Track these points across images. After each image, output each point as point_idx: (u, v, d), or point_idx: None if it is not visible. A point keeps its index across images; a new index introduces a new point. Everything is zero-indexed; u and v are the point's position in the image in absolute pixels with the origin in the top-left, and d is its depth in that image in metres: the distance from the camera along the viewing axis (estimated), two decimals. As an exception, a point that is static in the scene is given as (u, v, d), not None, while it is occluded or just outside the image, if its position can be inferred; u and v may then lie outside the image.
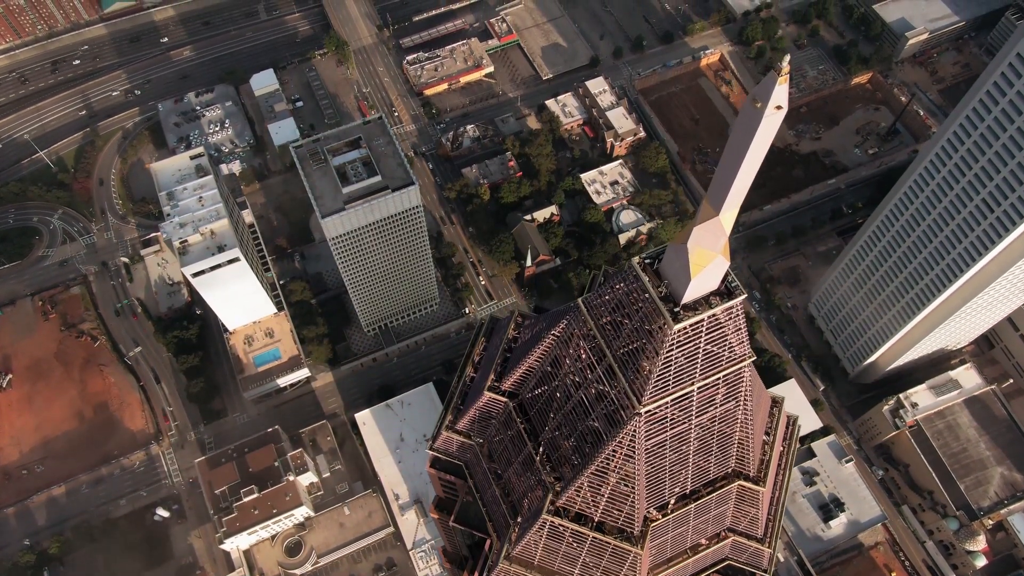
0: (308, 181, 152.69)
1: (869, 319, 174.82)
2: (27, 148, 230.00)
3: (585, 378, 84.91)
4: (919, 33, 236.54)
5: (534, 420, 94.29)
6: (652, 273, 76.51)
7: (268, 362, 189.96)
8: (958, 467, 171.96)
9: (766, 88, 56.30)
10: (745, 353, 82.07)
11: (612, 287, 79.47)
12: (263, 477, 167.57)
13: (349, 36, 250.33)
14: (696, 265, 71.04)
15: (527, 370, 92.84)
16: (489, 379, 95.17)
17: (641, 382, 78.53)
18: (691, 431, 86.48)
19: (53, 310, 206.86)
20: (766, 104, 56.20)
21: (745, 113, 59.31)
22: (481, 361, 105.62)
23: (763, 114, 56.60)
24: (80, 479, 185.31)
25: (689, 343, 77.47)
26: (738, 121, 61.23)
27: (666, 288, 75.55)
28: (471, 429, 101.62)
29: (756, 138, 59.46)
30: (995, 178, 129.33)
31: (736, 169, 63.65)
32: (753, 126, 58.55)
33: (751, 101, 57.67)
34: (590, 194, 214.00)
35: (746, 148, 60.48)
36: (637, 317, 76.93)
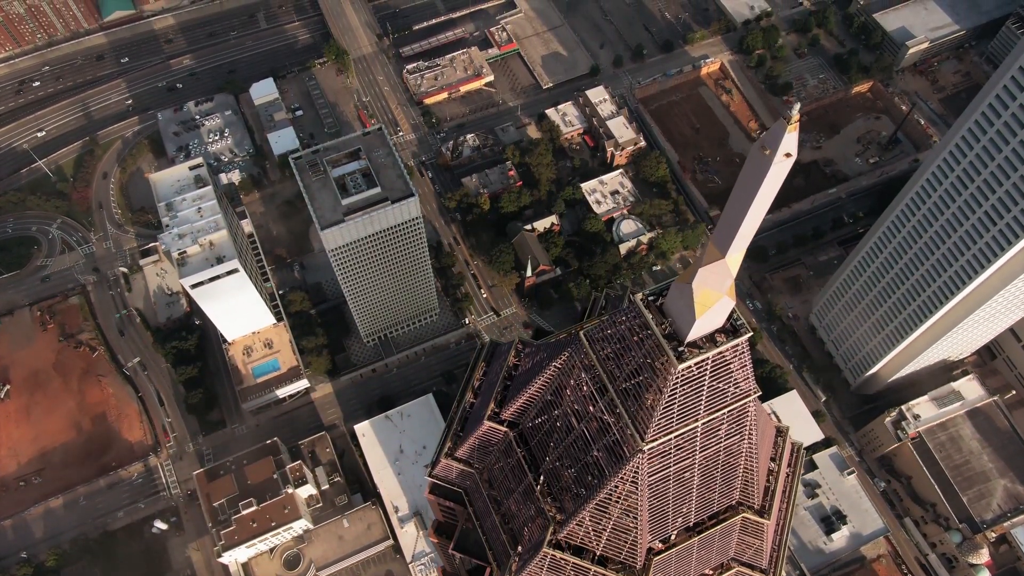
0: (307, 193, 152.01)
1: (871, 330, 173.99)
2: (26, 157, 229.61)
3: (587, 411, 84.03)
4: (920, 42, 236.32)
5: (534, 450, 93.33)
6: (655, 310, 75.56)
7: (267, 373, 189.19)
8: (961, 479, 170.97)
9: (775, 135, 55.69)
10: (750, 388, 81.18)
11: (614, 322, 78.54)
12: (262, 490, 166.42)
13: (349, 45, 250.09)
14: (701, 305, 70.29)
15: (528, 400, 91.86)
16: (489, 408, 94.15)
17: (644, 418, 77.69)
18: (695, 465, 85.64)
19: (51, 320, 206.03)
20: (775, 151, 55.57)
21: (753, 159, 58.61)
22: (481, 387, 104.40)
23: (772, 161, 55.96)
24: (78, 491, 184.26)
25: (693, 380, 76.62)
26: (746, 166, 60.54)
27: (670, 326, 74.67)
28: (471, 457, 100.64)
29: (764, 185, 58.82)
30: (997, 191, 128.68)
31: (743, 214, 62.97)
32: (761, 173, 57.87)
33: (759, 148, 57.07)
34: (590, 204, 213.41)
35: (754, 194, 59.79)
36: (640, 353, 76.10)
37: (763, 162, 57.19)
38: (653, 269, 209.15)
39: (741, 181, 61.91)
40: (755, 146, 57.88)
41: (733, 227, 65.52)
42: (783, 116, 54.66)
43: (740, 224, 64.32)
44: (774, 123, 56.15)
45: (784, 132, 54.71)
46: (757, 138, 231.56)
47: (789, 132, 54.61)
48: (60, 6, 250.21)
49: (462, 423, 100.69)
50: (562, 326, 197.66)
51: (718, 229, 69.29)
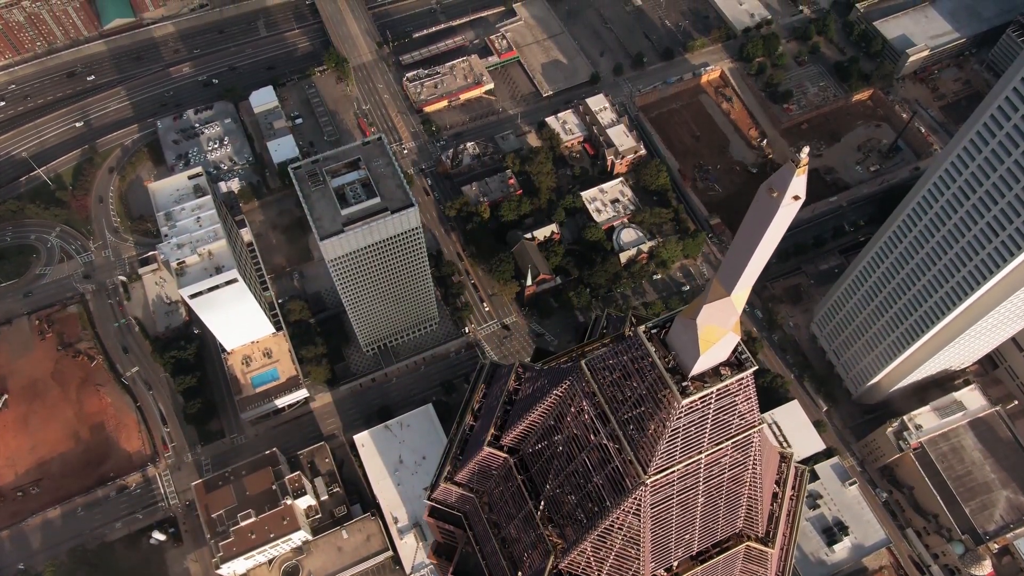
0: (307, 203, 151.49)
1: (872, 340, 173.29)
2: (25, 165, 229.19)
3: (588, 440, 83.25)
4: (920, 50, 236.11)
5: (535, 477, 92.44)
6: (659, 343, 74.77)
7: (266, 383, 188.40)
8: (963, 490, 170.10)
9: (783, 178, 55.00)
10: (755, 420, 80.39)
11: (617, 352, 77.82)
12: (260, 501, 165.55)
13: (349, 53, 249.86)
14: (706, 342, 69.59)
15: (528, 427, 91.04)
16: (489, 433, 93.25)
17: (647, 451, 76.99)
18: (699, 494, 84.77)
19: (50, 329, 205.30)
20: (783, 194, 54.85)
21: (760, 200, 57.85)
22: (481, 410, 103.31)
23: (780, 204, 55.26)
24: (76, 501, 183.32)
25: (697, 414, 75.90)
26: (753, 207, 59.77)
27: (673, 359, 73.90)
28: (470, 481, 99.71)
29: (772, 227, 58.05)
30: (1000, 203, 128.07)
31: (749, 254, 62.21)
32: (769, 215, 57.14)
33: (767, 190, 56.33)
34: (590, 212, 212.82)
35: (761, 235, 59.03)
36: (643, 385, 75.36)
37: (770, 204, 56.49)
38: (654, 278, 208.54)
39: (748, 221, 61.18)
40: (762, 188, 57.14)
41: (739, 266, 64.71)
42: (791, 159, 53.95)
43: (746, 264, 63.58)
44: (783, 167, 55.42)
45: (793, 175, 54.02)
46: (757, 146, 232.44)
47: (798, 175, 53.90)
48: (60, 14, 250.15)
49: (462, 446, 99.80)
50: (562, 335, 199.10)
51: (723, 267, 68.51)
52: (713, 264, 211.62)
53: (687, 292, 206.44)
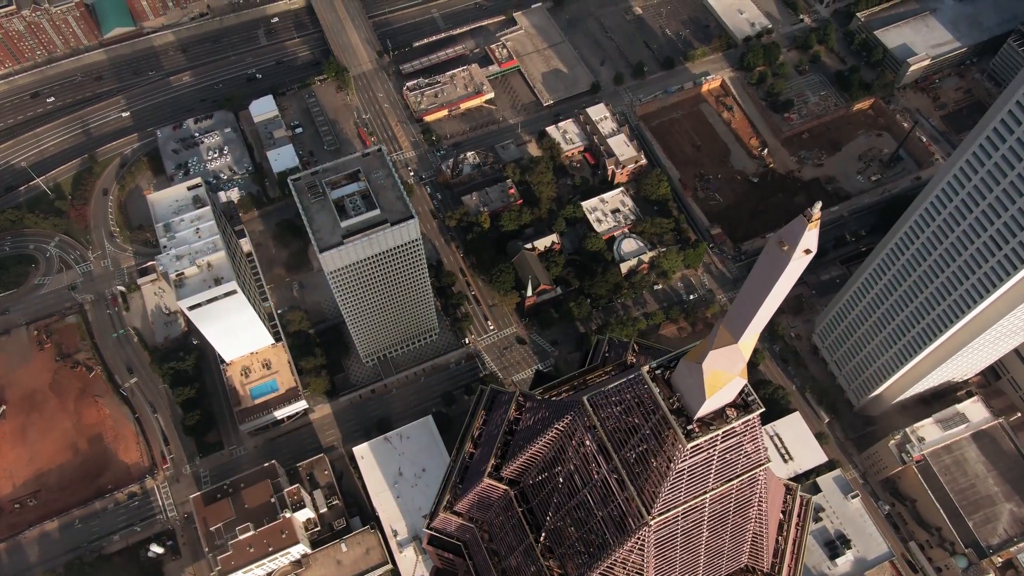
0: (306, 215, 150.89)
1: (874, 352, 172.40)
2: (24, 175, 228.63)
3: (591, 476, 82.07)
4: (921, 59, 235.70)
5: (536, 510, 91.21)
6: (663, 383, 73.83)
7: (265, 394, 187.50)
8: (966, 503, 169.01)
9: (794, 232, 54.62)
10: (761, 459, 79.38)
11: (620, 389, 76.82)
12: (259, 514, 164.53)
13: (349, 62, 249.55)
14: (712, 387, 68.89)
15: (529, 460, 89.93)
16: (490, 464, 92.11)
17: (651, 491, 76.04)
18: (703, 532, 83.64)
19: (48, 339, 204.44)
20: (794, 248, 54.47)
21: (770, 253, 57.43)
22: (481, 437, 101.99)
23: (790, 257, 54.91)
24: (73, 513, 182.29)
25: (703, 455, 74.91)
26: (762, 258, 59.43)
27: (678, 401, 73.01)
28: (470, 511, 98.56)
29: (781, 280, 57.71)
30: (1003, 216, 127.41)
31: (758, 304, 61.92)
32: (778, 268, 56.77)
33: (777, 243, 55.88)
34: (591, 222, 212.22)
35: (770, 287, 58.72)
36: (647, 425, 74.30)
37: (780, 258, 56.10)
38: (654, 288, 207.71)
39: (757, 271, 60.87)
40: (772, 240, 56.67)
41: (747, 315, 64.31)
42: (803, 214, 53.60)
43: (755, 314, 63.15)
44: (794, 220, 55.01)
45: (804, 229, 53.67)
46: (758, 155, 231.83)
47: (809, 229, 53.56)
48: (60, 23, 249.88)
49: (461, 474, 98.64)
50: (563, 346, 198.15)
51: (731, 314, 67.87)
52: (714, 274, 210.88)
53: (688, 302, 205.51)
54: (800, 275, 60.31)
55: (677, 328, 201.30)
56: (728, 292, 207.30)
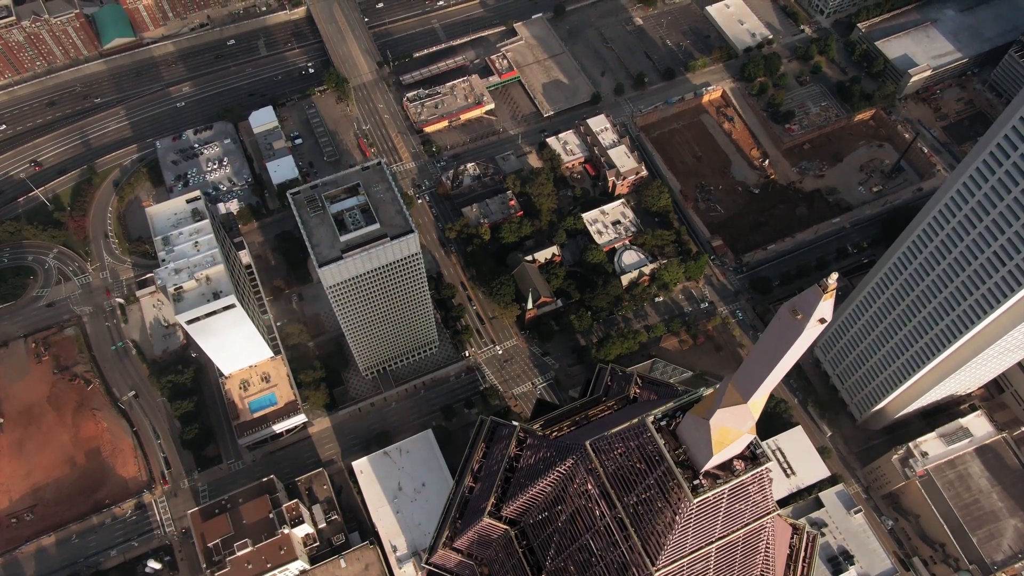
0: (305, 229, 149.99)
1: (877, 366, 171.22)
2: (23, 186, 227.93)
3: (593, 521, 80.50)
4: (922, 70, 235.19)
5: (537, 549, 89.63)
6: (668, 434, 72.72)
7: (264, 408, 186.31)
8: (970, 519, 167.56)
9: (808, 302, 54.13)
10: (769, 507, 78.06)
11: (623, 437, 75.63)
12: (257, 529, 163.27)
13: (349, 72, 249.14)
14: (719, 444, 67.99)
15: (530, 501, 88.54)
16: (490, 502, 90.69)
17: (655, 543, 74.86)
18: None
19: (46, 352, 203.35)
20: (808, 317, 53.98)
21: (783, 320, 56.93)
22: (481, 471, 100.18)
23: (804, 327, 54.37)
24: (70, 528, 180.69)
25: (709, 507, 73.58)
26: (774, 326, 58.99)
27: (684, 453, 71.91)
28: (470, 548, 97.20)
29: (794, 347, 57.26)
30: (1006, 232, 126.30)
31: (769, 368, 61.56)
32: (791, 336, 56.39)
33: (790, 312, 55.33)
34: (592, 234, 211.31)
35: (782, 354, 58.43)
36: (651, 476, 72.98)
37: (793, 326, 55.67)
38: (655, 300, 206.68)
39: (768, 337, 60.39)
40: (785, 308, 56.16)
41: (757, 378, 63.73)
42: (819, 284, 53.16)
43: (765, 377, 62.63)
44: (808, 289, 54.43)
45: (819, 300, 53.16)
46: (760, 166, 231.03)
47: (824, 300, 53.04)
48: (60, 34, 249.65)
49: (461, 509, 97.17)
50: (563, 359, 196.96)
51: (741, 373, 67.05)
52: (715, 286, 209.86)
53: (689, 315, 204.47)
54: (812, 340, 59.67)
55: (678, 341, 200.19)
56: (729, 304, 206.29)
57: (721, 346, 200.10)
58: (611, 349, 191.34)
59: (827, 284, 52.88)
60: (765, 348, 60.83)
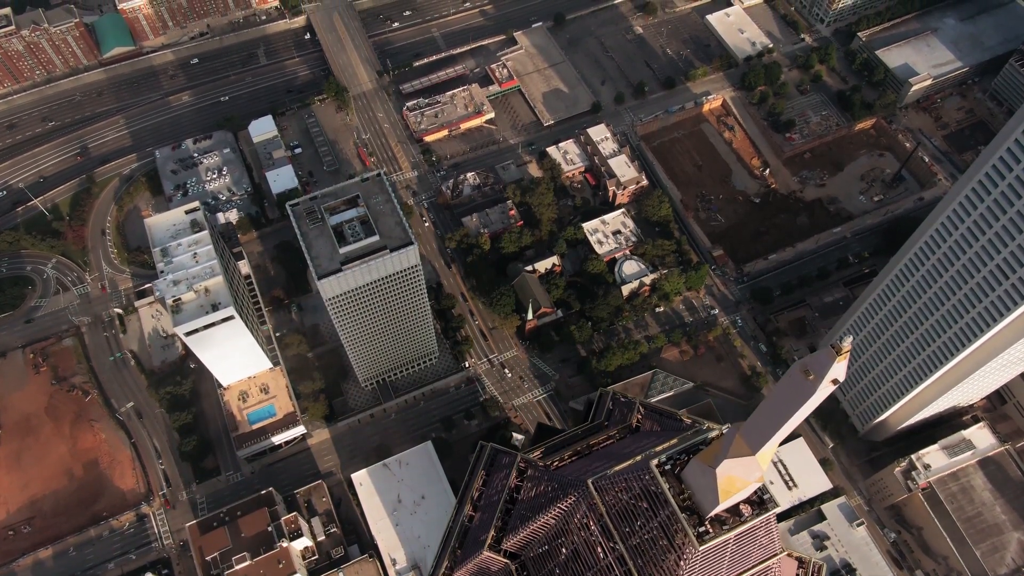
0: (304, 241, 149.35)
1: (879, 377, 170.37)
2: (22, 195, 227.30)
3: (595, 561, 79.22)
4: (923, 79, 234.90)
5: None
6: (673, 478, 71.74)
7: (263, 419, 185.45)
8: (973, 532, 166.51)
9: (821, 363, 53.59)
10: (775, 549, 77.00)
11: (626, 477, 74.71)
12: (256, 543, 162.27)
13: (349, 81, 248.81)
14: (726, 492, 67.16)
15: (530, 535, 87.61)
16: (490, 535, 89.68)
17: None
18: None
19: (44, 363, 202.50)
20: (820, 379, 53.41)
21: (793, 379, 56.42)
22: (481, 500, 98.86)
23: (816, 388, 53.77)
24: (68, 541, 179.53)
25: (715, 552, 72.50)
26: (784, 384, 58.47)
27: (689, 499, 70.92)
28: None
29: (806, 406, 56.67)
30: (1009, 246, 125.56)
31: (778, 425, 61.13)
32: (802, 396, 55.91)
33: (802, 371, 54.67)
34: (592, 244, 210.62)
35: (792, 412, 57.96)
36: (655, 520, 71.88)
37: (804, 387, 55.03)
38: (656, 311, 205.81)
39: (779, 393, 59.89)
40: (796, 367, 55.55)
41: (767, 432, 63.04)
42: (832, 345, 52.41)
43: (775, 433, 62.00)
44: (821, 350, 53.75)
45: (832, 362, 52.40)
46: (760, 175, 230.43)
47: (838, 362, 52.31)
48: (59, 43, 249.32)
49: (460, 538, 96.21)
50: (564, 370, 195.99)
51: (749, 426, 66.39)
52: (716, 296, 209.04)
53: (690, 325, 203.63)
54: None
55: (679, 351, 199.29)
56: (730, 314, 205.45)
57: (722, 356, 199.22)
58: (612, 360, 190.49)
59: (840, 347, 52.25)
60: (775, 404, 60.04)
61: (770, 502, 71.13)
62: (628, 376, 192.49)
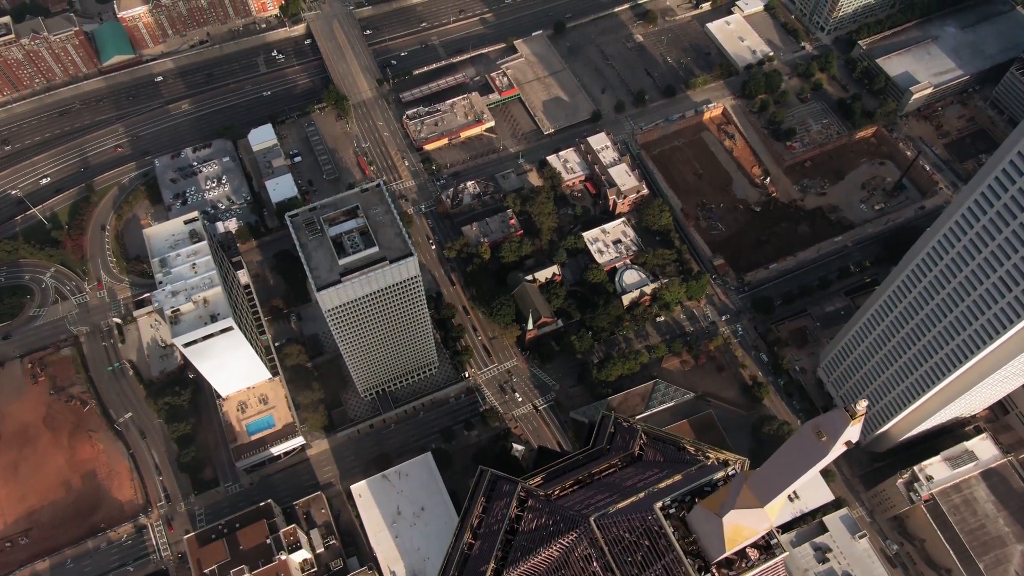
0: (303, 252, 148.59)
1: (881, 388, 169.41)
2: (20, 204, 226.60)
3: None
4: (923, 87, 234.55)
5: None
6: (677, 520, 70.76)
7: (262, 430, 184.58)
8: (976, 544, 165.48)
9: (835, 426, 53.04)
10: None
11: (630, 518, 73.76)
12: (254, 555, 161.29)
13: (349, 90, 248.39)
14: (732, 541, 66.38)
15: (531, 569, 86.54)
16: (490, 567, 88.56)
17: None
18: None
19: (42, 373, 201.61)
20: (833, 441, 52.84)
21: (805, 438, 55.86)
22: (480, 528, 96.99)
23: (828, 450, 53.16)
24: (65, 553, 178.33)
25: None
26: (796, 442, 57.87)
27: (694, 543, 69.96)
28: None
29: (818, 465, 56.02)
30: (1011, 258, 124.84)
31: (789, 482, 60.35)
32: (814, 457, 55.52)
33: (814, 432, 53.97)
34: (592, 253, 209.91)
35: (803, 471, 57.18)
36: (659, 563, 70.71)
37: (816, 447, 54.31)
38: (656, 320, 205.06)
39: (790, 450, 59.32)
40: (808, 427, 54.89)
41: (776, 486, 62.27)
42: (846, 408, 51.76)
43: (784, 488, 61.34)
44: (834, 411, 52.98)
45: (846, 425, 51.75)
46: (761, 184, 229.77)
47: (853, 425, 51.69)
48: (59, 51, 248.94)
49: (460, 568, 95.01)
50: (564, 380, 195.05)
51: (757, 478, 65.65)
52: (717, 306, 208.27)
53: (691, 335, 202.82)
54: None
55: (680, 361, 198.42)
56: (731, 324, 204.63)
57: (723, 367, 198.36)
58: (612, 370, 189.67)
59: (855, 411, 51.61)
60: (786, 460, 59.33)
61: (777, 547, 70.01)
62: (629, 386, 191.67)
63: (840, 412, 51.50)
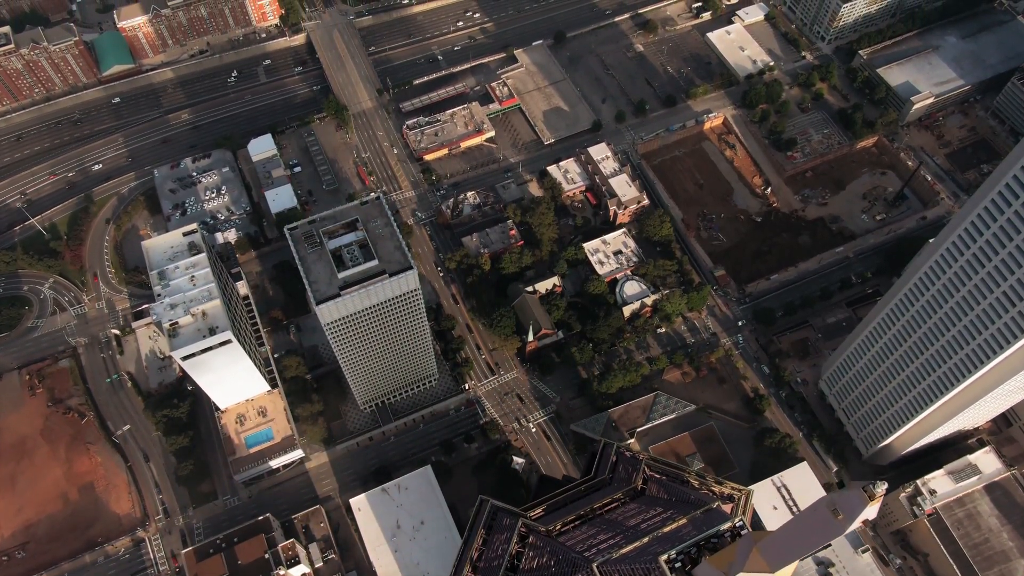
0: (302, 265, 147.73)
1: (884, 401, 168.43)
2: (19, 214, 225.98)
3: None
4: (924, 97, 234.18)
5: None
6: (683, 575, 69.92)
7: (260, 443, 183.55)
8: (980, 559, 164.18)
9: (851, 506, 52.35)
10: None
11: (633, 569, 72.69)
12: (252, 570, 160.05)
13: (349, 100, 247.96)
14: None
15: None
16: None
17: None
18: None
19: (40, 384, 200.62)
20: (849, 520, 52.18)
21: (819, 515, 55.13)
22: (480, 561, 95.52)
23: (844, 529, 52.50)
24: (63, 567, 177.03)
25: None
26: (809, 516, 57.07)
27: None
28: None
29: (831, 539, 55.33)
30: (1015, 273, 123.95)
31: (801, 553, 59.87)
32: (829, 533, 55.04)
33: (830, 509, 53.24)
34: (593, 264, 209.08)
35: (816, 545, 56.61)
36: None
37: (831, 525, 53.61)
38: (657, 332, 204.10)
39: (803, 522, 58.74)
40: (824, 504, 54.16)
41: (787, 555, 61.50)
42: (864, 488, 51.08)
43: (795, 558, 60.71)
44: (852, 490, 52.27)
45: (864, 506, 51.10)
46: (762, 194, 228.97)
47: (871, 506, 51.07)
48: (59, 61, 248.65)
49: None
50: (564, 392, 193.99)
51: (768, 544, 64.81)
52: (718, 317, 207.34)
53: (692, 346, 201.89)
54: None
55: (681, 373, 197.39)
56: (732, 335, 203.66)
57: (724, 378, 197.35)
58: (613, 382, 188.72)
59: (874, 492, 50.85)
60: (798, 531, 58.61)
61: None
62: (630, 398, 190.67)
63: (859, 492, 50.71)
